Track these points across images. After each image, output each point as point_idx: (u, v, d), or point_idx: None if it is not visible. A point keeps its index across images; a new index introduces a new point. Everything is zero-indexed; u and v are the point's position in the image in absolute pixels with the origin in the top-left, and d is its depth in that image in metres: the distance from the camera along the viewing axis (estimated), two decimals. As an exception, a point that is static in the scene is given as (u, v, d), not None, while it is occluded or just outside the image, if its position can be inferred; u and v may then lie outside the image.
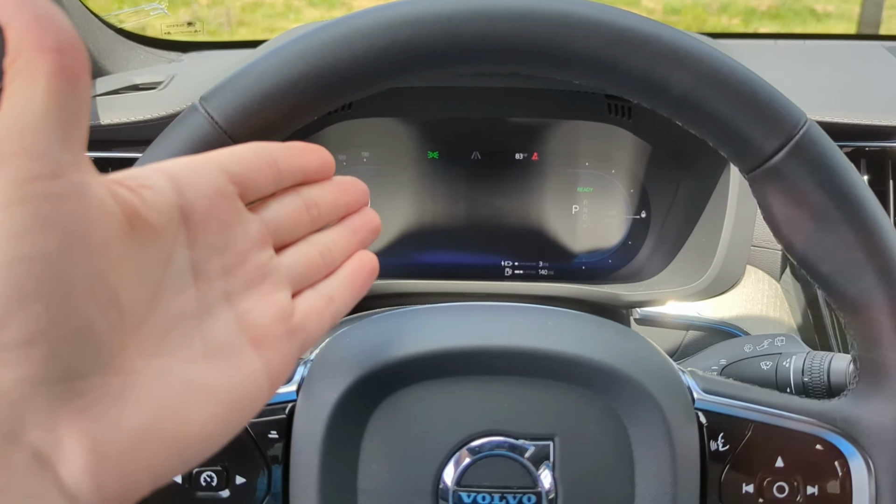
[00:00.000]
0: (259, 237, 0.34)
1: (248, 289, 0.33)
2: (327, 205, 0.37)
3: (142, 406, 0.27)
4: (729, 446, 0.44)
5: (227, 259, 0.32)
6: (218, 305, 0.32)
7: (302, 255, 0.36)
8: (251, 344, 0.32)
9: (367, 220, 0.40)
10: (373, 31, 0.40)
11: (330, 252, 0.37)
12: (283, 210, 0.36)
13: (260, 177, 0.34)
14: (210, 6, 5.34)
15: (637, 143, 0.87)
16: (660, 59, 0.40)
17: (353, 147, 0.89)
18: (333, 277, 0.37)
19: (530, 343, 0.44)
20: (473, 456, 0.43)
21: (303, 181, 0.37)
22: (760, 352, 0.59)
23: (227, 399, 0.30)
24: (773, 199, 0.42)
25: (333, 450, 0.43)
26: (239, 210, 0.33)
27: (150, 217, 0.29)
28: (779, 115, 0.40)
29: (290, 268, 0.35)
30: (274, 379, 0.33)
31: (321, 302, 0.36)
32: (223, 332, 0.32)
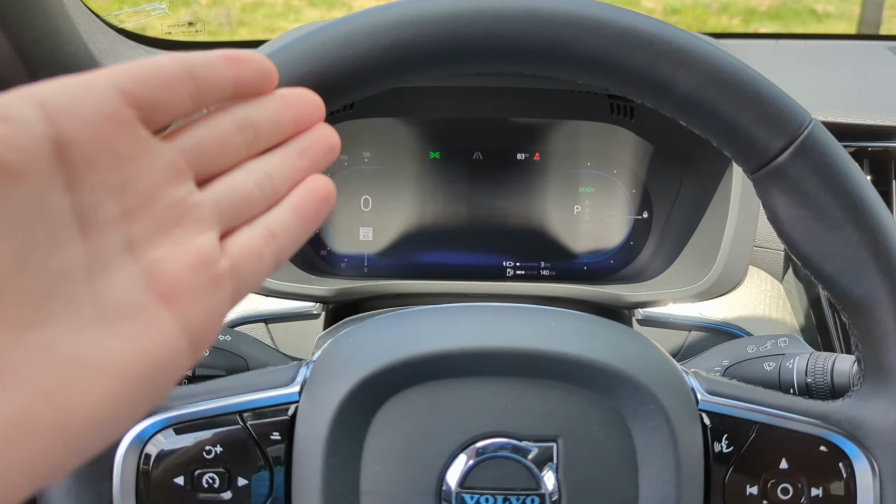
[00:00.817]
0: (172, 169, 0.28)
1: (158, 234, 0.28)
2: (266, 123, 0.32)
3: (12, 395, 0.23)
4: (733, 448, 0.44)
5: (127, 200, 0.27)
6: (116, 258, 0.27)
7: (233, 186, 0.31)
8: (162, 300, 0.27)
9: (319, 139, 0.34)
10: (376, 31, 0.40)
11: (270, 179, 0.31)
12: (205, 134, 0.30)
13: (170, 95, 0.28)
14: (210, 6, 5.34)
15: (639, 144, 0.87)
16: (663, 59, 0.40)
17: (355, 147, 0.89)
18: (276, 209, 0.32)
19: (533, 344, 0.44)
20: (477, 457, 0.43)
21: (234, 97, 0.31)
22: (764, 352, 0.59)
23: (129, 371, 0.25)
24: (778, 200, 0.42)
25: (336, 451, 0.43)
26: (141, 139, 0.27)
27: (8, 157, 0.23)
28: (783, 115, 0.40)
29: (217, 202, 0.30)
30: (197, 338, 0.28)
31: (259, 239, 0.31)
32: (124, 289, 0.26)
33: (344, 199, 0.89)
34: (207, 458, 0.44)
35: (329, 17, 5.66)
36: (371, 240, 0.90)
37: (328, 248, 0.90)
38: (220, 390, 0.46)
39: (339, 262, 0.90)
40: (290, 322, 0.82)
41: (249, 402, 0.45)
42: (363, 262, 0.90)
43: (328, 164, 0.34)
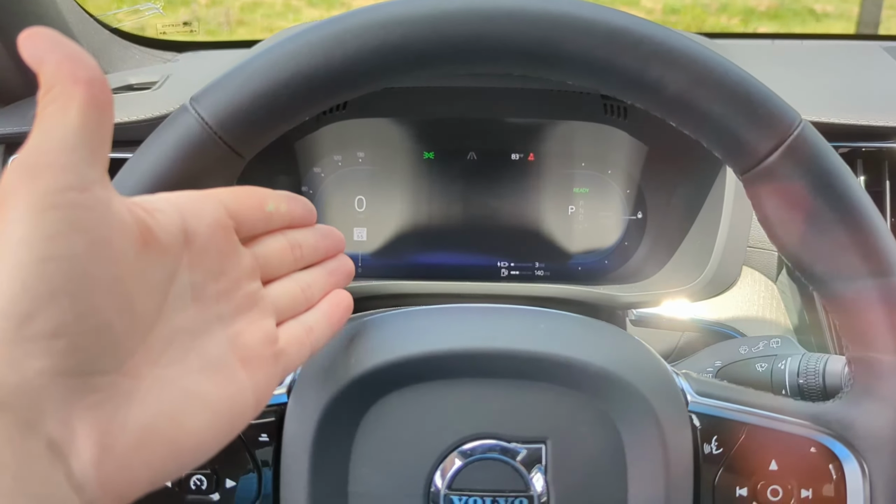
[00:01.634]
0: (250, 268, 0.37)
1: (238, 313, 0.36)
2: (309, 247, 0.42)
3: (145, 409, 0.29)
4: (723, 449, 0.44)
5: (222, 284, 0.35)
6: (212, 325, 0.34)
7: (286, 288, 0.40)
8: (241, 363, 0.35)
9: (343, 265, 0.44)
10: (365, 31, 0.40)
11: (309, 288, 0.41)
12: (271, 247, 0.39)
13: (253, 215, 0.38)
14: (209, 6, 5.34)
15: (633, 144, 0.86)
16: (653, 59, 0.40)
17: (349, 147, 0.88)
18: (313, 311, 0.41)
19: (522, 345, 0.44)
20: (465, 459, 0.42)
21: (289, 225, 0.41)
22: (756, 353, 0.59)
23: (219, 410, 0.33)
24: (768, 201, 0.42)
25: (324, 453, 0.43)
26: (234, 242, 0.36)
27: (161, 236, 0.31)
28: (773, 116, 0.40)
29: (275, 299, 0.39)
30: (259, 397, 0.35)
31: (302, 331, 0.39)
32: (216, 349, 0.34)
33: (338, 200, 0.89)
34: None
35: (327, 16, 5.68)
36: (365, 240, 0.90)
37: None
38: None
39: None
40: None
41: None
42: (357, 262, 0.90)
43: (348, 283, 0.45)
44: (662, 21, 4.90)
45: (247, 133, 0.41)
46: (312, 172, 0.89)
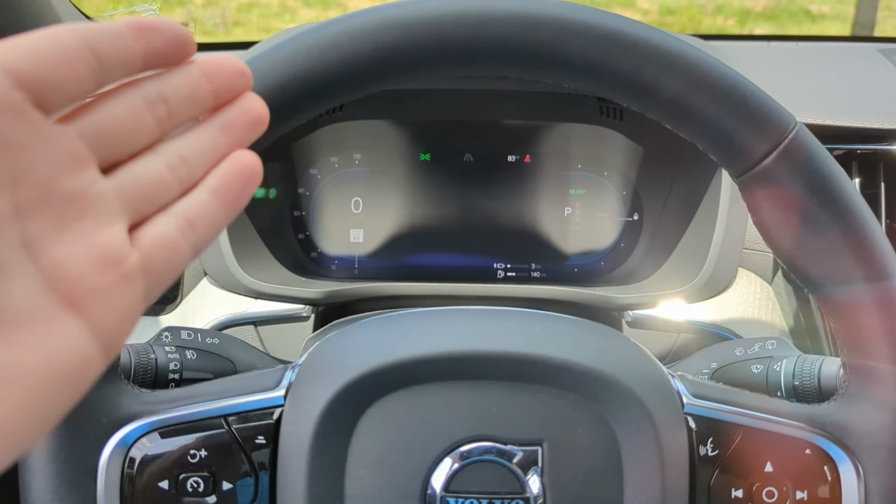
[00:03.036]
0: (70, 156, 0.26)
1: (57, 230, 0.25)
2: (181, 98, 0.28)
3: None
4: (718, 451, 0.44)
5: (20, 194, 0.24)
6: (13, 259, 0.24)
7: (142, 171, 0.28)
8: (66, 303, 0.25)
9: (244, 112, 0.30)
10: (361, 34, 0.40)
11: (185, 162, 0.29)
12: (110, 114, 0.27)
13: (68, 73, 0.25)
14: (205, 6, 5.33)
15: (629, 146, 0.87)
16: (649, 63, 0.40)
17: (345, 149, 0.88)
18: (192, 194, 0.29)
19: (518, 348, 0.44)
20: (461, 461, 0.43)
21: (143, 69, 0.28)
22: (751, 355, 0.59)
23: (36, 380, 0.24)
24: (763, 203, 0.42)
25: (321, 455, 0.43)
26: (33, 123, 0.24)
27: None
28: (768, 119, 0.40)
29: (125, 191, 0.27)
30: (108, 341, 0.26)
31: (174, 229, 0.28)
32: (23, 294, 0.24)
33: (334, 201, 0.89)
34: (192, 462, 0.44)
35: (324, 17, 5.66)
36: (362, 241, 0.90)
37: (318, 249, 0.90)
38: (205, 394, 0.46)
39: (330, 264, 0.90)
40: (279, 324, 0.82)
41: (234, 405, 0.45)
42: (354, 263, 0.90)
43: (254, 138, 0.31)
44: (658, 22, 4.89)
45: None
46: (309, 174, 0.89)
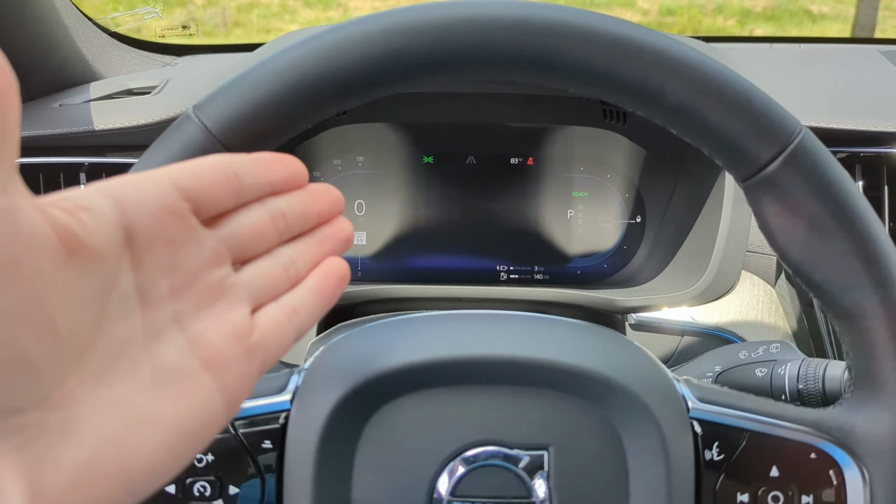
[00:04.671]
0: (214, 254, 0.32)
1: (201, 308, 0.32)
2: (295, 215, 0.36)
3: (84, 440, 0.26)
4: (724, 455, 0.44)
5: (176, 279, 0.31)
6: (167, 329, 0.30)
7: (262, 268, 0.35)
8: (204, 367, 0.31)
9: (338, 230, 0.38)
10: (368, 40, 0.40)
11: (294, 264, 0.36)
12: (243, 223, 0.34)
13: (218, 191, 0.32)
14: (205, 7, 5.34)
15: (632, 148, 0.87)
16: (655, 68, 0.40)
17: (349, 152, 0.89)
18: (298, 289, 0.36)
19: (524, 352, 0.44)
20: (468, 466, 0.43)
21: (270, 193, 0.35)
22: (755, 358, 0.59)
23: (177, 426, 0.29)
24: (768, 208, 0.42)
25: (327, 460, 0.43)
26: (191, 227, 0.31)
27: (89, 240, 0.27)
28: (774, 125, 0.40)
29: (250, 282, 0.34)
30: (231, 401, 0.32)
31: (283, 315, 0.34)
32: (173, 356, 0.30)
33: None
34: (199, 466, 0.44)
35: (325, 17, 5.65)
36: (365, 244, 0.90)
37: None
38: None
39: None
40: None
41: (241, 410, 0.45)
42: (357, 265, 0.90)
43: (344, 251, 0.38)
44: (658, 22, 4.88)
45: (249, 141, 0.41)
46: (312, 176, 0.89)
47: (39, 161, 0.83)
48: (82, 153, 0.83)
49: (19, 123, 0.25)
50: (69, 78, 0.94)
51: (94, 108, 0.84)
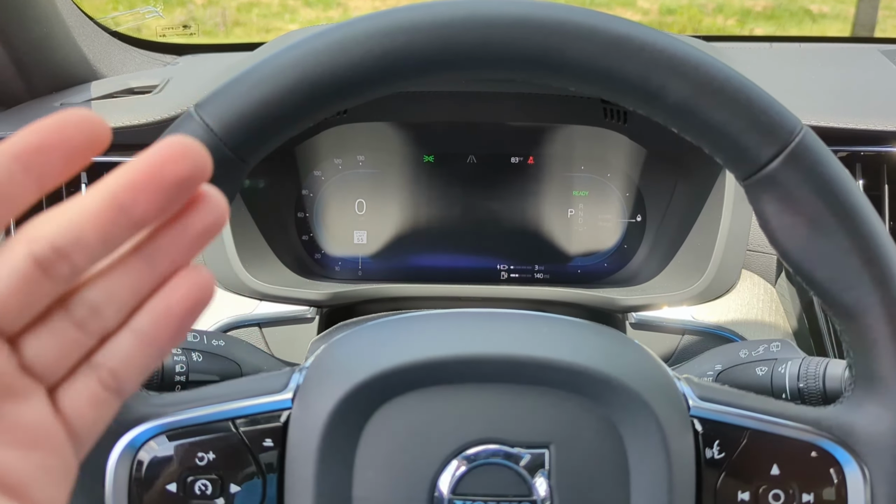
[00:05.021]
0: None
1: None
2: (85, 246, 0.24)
3: None
4: (724, 454, 0.44)
5: None
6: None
7: (49, 337, 0.25)
8: (4, 494, 0.24)
9: (182, 232, 0.25)
10: (369, 38, 0.40)
11: (97, 314, 0.25)
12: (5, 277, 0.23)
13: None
14: (205, 6, 5.34)
15: (632, 147, 0.87)
16: (655, 67, 0.40)
17: (349, 151, 0.89)
18: (116, 339, 0.26)
19: (525, 351, 0.44)
20: (469, 464, 0.43)
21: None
22: (756, 357, 0.59)
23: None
24: (769, 207, 0.42)
25: (329, 458, 0.43)
26: None
27: None
28: (774, 123, 0.40)
29: (34, 362, 0.25)
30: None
31: (95, 384, 0.26)
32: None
33: (338, 203, 0.89)
34: (200, 464, 0.44)
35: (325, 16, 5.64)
36: (365, 243, 0.90)
37: (322, 251, 0.90)
38: (212, 397, 0.46)
39: (334, 266, 0.91)
40: (284, 326, 0.82)
41: (242, 408, 0.45)
42: (357, 265, 0.90)
43: (201, 250, 0.26)
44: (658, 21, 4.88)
45: (251, 140, 0.41)
46: (313, 175, 0.89)
47: (40, 160, 0.83)
48: None
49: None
50: (70, 77, 0.94)
51: (95, 107, 0.84)
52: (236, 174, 0.43)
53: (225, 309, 0.82)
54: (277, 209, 0.88)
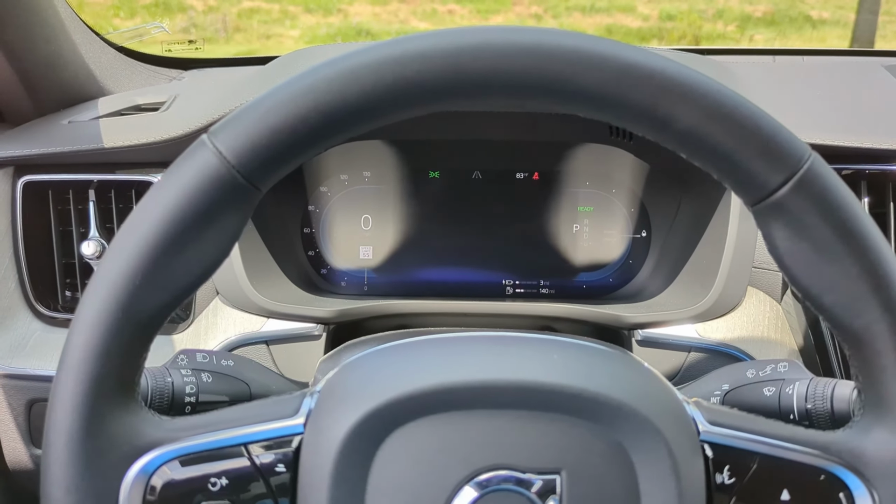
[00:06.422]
0: None
1: None
2: None
3: None
4: (735, 479, 0.44)
5: None
6: None
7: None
8: None
9: None
10: (380, 66, 0.40)
11: None
12: None
13: None
14: (206, 12, 5.35)
15: (637, 163, 0.87)
16: (664, 94, 0.40)
17: (355, 167, 0.89)
18: None
19: (536, 377, 0.44)
20: (481, 490, 0.43)
21: None
22: (763, 377, 0.59)
23: None
24: (778, 233, 0.42)
25: (341, 484, 0.43)
26: None
27: None
28: (783, 150, 0.40)
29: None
30: None
31: None
32: None
33: (344, 218, 0.90)
34: (213, 490, 0.44)
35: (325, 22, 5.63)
36: (371, 258, 0.90)
37: (328, 266, 0.91)
38: (224, 422, 0.46)
39: (340, 281, 0.91)
40: (291, 343, 0.83)
41: (254, 434, 0.45)
42: (363, 280, 0.91)
43: None
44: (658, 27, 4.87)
45: (264, 167, 0.41)
46: (319, 191, 0.89)
47: (49, 178, 0.84)
48: (92, 170, 0.83)
49: None
50: (77, 94, 0.94)
51: (103, 124, 0.84)
52: (249, 201, 0.43)
53: (233, 326, 0.82)
54: (284, 225, 0.88)
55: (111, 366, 0.42)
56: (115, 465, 0.43)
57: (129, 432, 0.44)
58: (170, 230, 0.41)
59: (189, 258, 0.42)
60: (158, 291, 0.42)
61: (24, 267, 0.87)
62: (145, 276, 0.41)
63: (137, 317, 0.41)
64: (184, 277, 0.42)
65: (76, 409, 0.41)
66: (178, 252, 0.41)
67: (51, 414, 0.42)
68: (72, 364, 0.41)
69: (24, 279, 0.87)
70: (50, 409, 0.42)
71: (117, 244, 0.41)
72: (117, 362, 0.42)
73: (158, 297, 0.42)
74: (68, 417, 0.41)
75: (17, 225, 0.86)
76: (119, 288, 0.41)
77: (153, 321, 0.42)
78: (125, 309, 0.41)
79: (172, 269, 0.42)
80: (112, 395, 0.42)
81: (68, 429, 0.41)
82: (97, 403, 0.42)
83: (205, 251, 0.42)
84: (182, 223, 0.41)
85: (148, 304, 0.42)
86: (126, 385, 0.43)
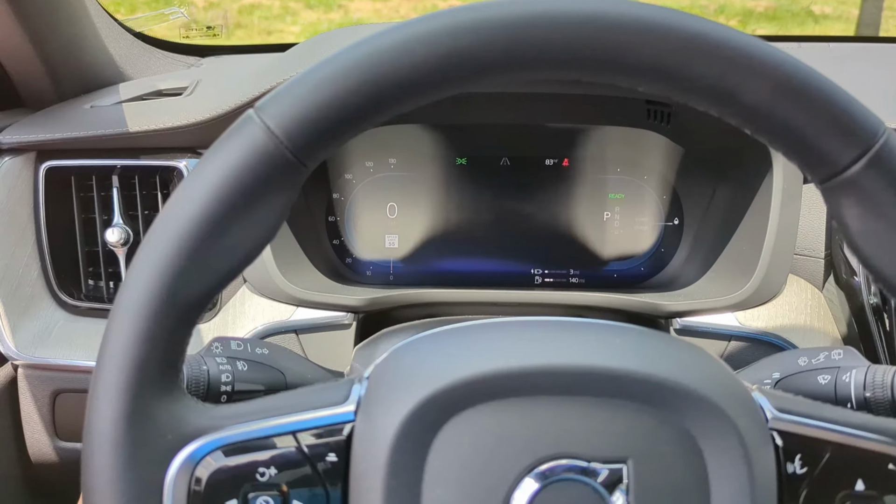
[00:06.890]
0: None
1: None
2: None
3: None
4: (807, 469, 0.43)
5: None
6: None
7: None
8: None
9: None
10: (433, 38, 0.38)
11: None
12: None
13: None
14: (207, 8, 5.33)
15: (670, 149, 0.85)
16: (731, 66, 0.38)
17: (380, 153, 0.87)
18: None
19: (601, 362, 0.43)
20: (543, 480, 0.41)
21: None
22: (817, 365, 0.58)
23: None
24: (849, 211, 0.41)
25: (397, 473, 0.41)
26: None
27: None
28: (856, 125, 0.39)
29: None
30: None
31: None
32: None
33: (369, 207, 0.88)
34: (261, 479, 0.43)
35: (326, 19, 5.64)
36: (397, 247, 0.89)
37: (353, 255, 0.89)
38: (271, 409, 0.44)
39: (365, 270, 0.89)
40: (321, 332, 0.81)
41: (304, 421, 0.43)
42: (389, 269, 0.89)
43: None
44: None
45: (313, 143, 0.40)
46: (344, 179, 0.88)
47: (71, 163, 0.82)
48: (115, 155, 0.82)
49: None
50: (98, 79, 0.93)
51: (126, 109, 0.83)
52: (298, 178, 0.41)
53: (261, 315, 0.80)
54: (309, 213, 0.87)
55: (156, 351, 0.40)
56: (160, 455, 0.42)
57: (174, 420, 0.42)
58: (216, 209, 0.39)
59: (236, 239, 0.40)
60: (204, 273, 0.40)
61: (47, 255, 0.85)
62: (190, 257, 0.39)
63: (182, 300, 0.40)
64: (230, 259, 0.41)
65: (120, 396, 0.40)
66: (224, 232, 0.39)
67: (92, 402, 0.40)
68: (115, 350, 0.40)
69: (47, 268, 0.85)
70: (91, 398, 0.40)
71: (161, 224, 0.40)
72: (162, 347, 0.40)
73: (204, 279, 0.40)
74: (112, 405, 0.40)
75: (39, 212, 0.84)
76: (163, 270, 0.39)
77: (198, 304, 0.41)
78: (170, 291, 0.39)
79: (219, 251, 0.40)
80: (156, 382, 0.40)
81: (112, 416, 0.40)
82: (142, 390, 0.40)
83: (252, 231, 0.41)
84: (229, 202, 0.39)
85: (193, 286, 0.40)
86: (170, 371, 0.41)
